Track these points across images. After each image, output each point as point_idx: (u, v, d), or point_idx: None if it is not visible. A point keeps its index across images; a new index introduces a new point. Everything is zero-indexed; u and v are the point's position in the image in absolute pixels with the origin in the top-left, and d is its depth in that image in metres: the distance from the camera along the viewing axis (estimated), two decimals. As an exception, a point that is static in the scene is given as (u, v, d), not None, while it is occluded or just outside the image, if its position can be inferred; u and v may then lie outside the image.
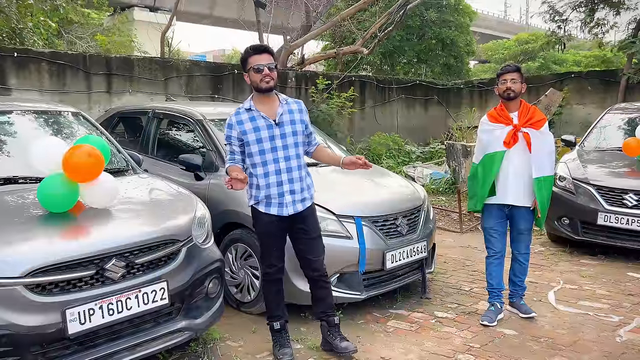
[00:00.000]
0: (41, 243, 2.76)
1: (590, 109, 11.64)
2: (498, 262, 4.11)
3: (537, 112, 3.95)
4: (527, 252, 4.11)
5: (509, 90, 3.89)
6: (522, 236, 4.06)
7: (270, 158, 3.27)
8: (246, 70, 3.29)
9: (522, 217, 4.00)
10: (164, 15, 18.63)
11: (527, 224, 4.02)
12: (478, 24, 31.74)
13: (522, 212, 3.98)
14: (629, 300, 4.47)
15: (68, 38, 12.05)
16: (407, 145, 11.82)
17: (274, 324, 3.48)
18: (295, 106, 3.41)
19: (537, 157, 3.85)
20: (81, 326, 2.68)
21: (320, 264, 3.44)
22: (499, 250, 4.08)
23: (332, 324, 3.49)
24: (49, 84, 7.57)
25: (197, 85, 9.25)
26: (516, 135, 3.87)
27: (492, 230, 4.08)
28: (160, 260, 3.08)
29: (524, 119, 3.89)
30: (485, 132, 4.03)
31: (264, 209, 3.31)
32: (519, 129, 3.87)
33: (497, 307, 4.08)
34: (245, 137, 3.27)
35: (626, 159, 6.02)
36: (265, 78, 3.23)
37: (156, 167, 4.91)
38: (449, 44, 16.63)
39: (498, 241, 4.08)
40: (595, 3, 11.93)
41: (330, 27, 12.73)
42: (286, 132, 3.30)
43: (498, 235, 4.07)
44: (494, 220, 4.05)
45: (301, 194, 3.35)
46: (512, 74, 3.92)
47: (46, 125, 4.09)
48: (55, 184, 3.02)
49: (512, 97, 3.91)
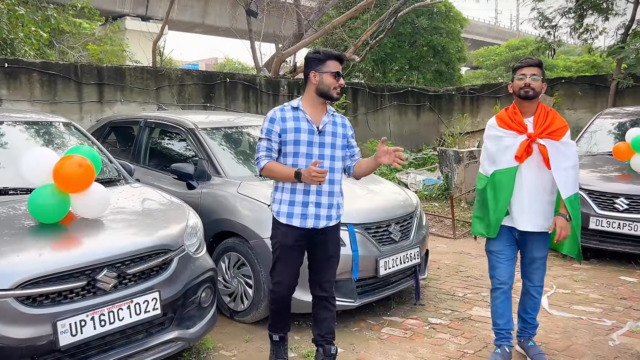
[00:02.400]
0: (32, 254, 2.74)
1: (580, 114, 11.73)
2: (505, 297, 3.40)
3: (557, 118, 3.28)
4: (540, 284, 3.45)
5: (527, 87, 3.21)
6: (536, 266, 3.40)
7: (303, 163, 3.11)
8: (320, 70, 3.12)
9: (538, 244, 3.35)
10: (155, 24, 18.64)
11: (542, 251, 3.39)
12: (469, 31, 32.02)
13: (537, 238, 3.34)
14: (621, 304, 4.49)
15: (59, 48, 12.05)
16: (400, 152, 11.83)
17: (274, 335, 3.40)
18: (340, 120, 3.29)
19: (561, 172, 3.19)
20: (72, 338, 2.66)
21: (330, 286, 3.30)
22: (505, 280, 3.39)
23: (327, 354, 3.29)
24: (40, 94, 7.55)
25: (189, 94, 9.25)
26: (530, 147, 3.21)
27: (500, 255, 3.39)
28: (152, 270, 3.07)
29: (541, 127, 3.22)
30: (492, 139, 3.36)
31: (285, 220, 3.14)
32: (535, 139, 3.20)
33: (506, 351, 3.42)
34: (284, 136, 3.12)
35: (617, 164, 6.07)
36: (338, 88, 3.14)
37: (148, 176, 4.90)
38: (440, 50, 16.75)
39: (506, 268, 3.38)
40: (584, 9, 12.04)
41: (322, 34, 12.78)
42: (326, 142, 3.17)
43: (507, 262, 3.38)
44: (502, 243, 3.38)
45: (328, 210, 3.17)
46: (533, 68, 3.24)
47: (37, 136, 4.07)
48: (46, 194, 3.00)
49: (530, 96, 3.21)
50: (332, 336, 3.35)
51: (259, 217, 3.96)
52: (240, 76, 10.36)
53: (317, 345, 3.36)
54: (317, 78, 3.13)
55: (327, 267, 3.28)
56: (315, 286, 3.32)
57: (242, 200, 4.16)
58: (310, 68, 3.16)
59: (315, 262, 3.27)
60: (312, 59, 3.18)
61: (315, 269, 3.29)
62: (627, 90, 11.03)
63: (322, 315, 3.33)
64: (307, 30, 12.70)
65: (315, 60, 3.15)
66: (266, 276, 3.89)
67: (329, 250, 3.26)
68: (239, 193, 4.21)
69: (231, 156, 4.89)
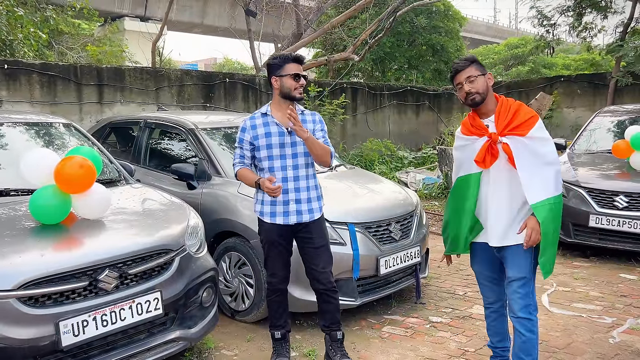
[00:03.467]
0: (33, 255, 2.75)
1: (580, 112, 11.75)
2: (496, 316, 3.06)
3: (522, 109, 2.81)
4: (525, 316, 2.76)
5: (470, 94, 2.82)
6: (512, 289, 2.80)
7: (278, 165, 3.27)
8: (278, 74, 3.26)
9: (512, 261, 2.80)
10: (154, 24, 18.65)
11: (517, 270, 2.78)
12: (468, 30, 31.99)
13: (511, 253, 2.80)
14: (621, 301, 4.50)
15: (59, 49, 12.04)
16: (400, 151, 11.87)
17: (275, 333, 3.45)
18: (310, 117, 3.40)
19: (528, 173, 2.71)
20: (75, 338, 2.67)
21: (325, 277, 3.36)
22: (493, 300, 3.04)
23: (334, 339, 3.43)
24: (39, 96, 7.55)
25: (188, 95, 9.26)
26: (494, 149, 2.77)
27: (479, 276, 3.05)
28: (153, 270, 3.08)
29: (504, 124, 2.78)
30: (458, 149, 3.00)
31: (269, 219, 3.29)
32: (496, 139, 2.77)
33: None
34: (257, 142, 3.28)
35: (616, 161, 6.08)
36: (299, 88, 3.27)
37: (148, 177, 4.91)
38: (439, 49, 16.75)
39: (489, 290, 3.03)
40: (583, 7, 12.06)
41: (321, 34, 12.78)
42: (297, 141, 3.28)
43: (488, 282, 3.02)
44: (479, 262, 3.01)
45: (308, 204, 3.31)
46: (462, 72, 2.83)
47: (37, 137, 4.08)
48: (47, 195, 3.01)
49: (477, 101, 2.83)
50: (337, 325, 3.46)
51: (260, 217, 3.97)
52: (240, 76, 10.36)
53: (325, 333, 3.49)
54: (278, 82, 3.29)
55: (316, 258, 3.36)
56: (312, 280, 3.42)
57: (242, 200, 4.17)
58: (271, 74, 3.31)
59: (305, 255, 3.39)
60: (271, 65, 3.34)
61: (306, 262, 3.40)
62: (626, 88, 11.06)
63: (324, 307, 3.44)
64: (306, 30, 12.70)
65: (274, 65, 3.31)
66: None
67: (315, 241, 3.35)
68: (239, 193, 4.22)
69: (231, 156, 4.88)
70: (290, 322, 3.56)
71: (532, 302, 2.80)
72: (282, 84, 3.27)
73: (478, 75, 2.81)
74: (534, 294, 2.83)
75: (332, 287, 3.40)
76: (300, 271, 3.52)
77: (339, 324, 3.47)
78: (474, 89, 2.80)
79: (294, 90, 3.26)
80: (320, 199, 3.42)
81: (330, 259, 3.41)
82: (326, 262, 3.38)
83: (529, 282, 2.79)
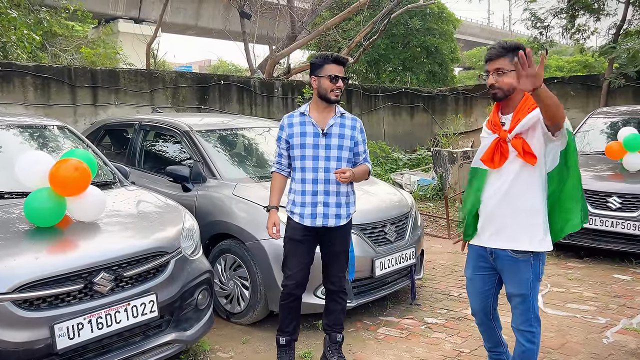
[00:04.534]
0: (28, 258, 2.74)
1: (573, 114, 11.79)
2: (484, 328, 2.92)
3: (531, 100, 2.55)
4: (527, 329, 2.66)
5: (492, 88, 2.61)
6: (514, 304, 2.70)
7: (310, 166, 3.25)
8: (318, 75, 3.25)
9: (511, 277, 2.65)
10: (149, 26, 18.58)
11: (518, 287, 2.63)
12: (462, 31, 32.09)
13: (509, 268, 2.66)
14: (615, 301, 4.53)
15: (52, 51, 12.01)
16: (394, 153, 11.90)
17: (280, 339, 3.41)
18: (349, 122, 3.34)
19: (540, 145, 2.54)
20: (70, 341, 2.66)
21: (339, 280, 3.40)
22: (477, 311, 2.87)
23: (334, 340, 3.46)
24: (33, 98, 7.53)
25: (183, 97, 9.25)
26: (503, 148, 2.60)
27: (468, 283, 2.88)
28: (149, 272, 3.08)
29: (517, 119, 2.58)
30: (482, 139, 2.83)
31: (298, 219, 3.28)
32: (505, 137, 2.59)
33: None
34: (291, 140, 3.28)
35: (609, 163, 6.11)
36: (336, 90, 3.24)
37: (143, 179, 4.90)
38: (434, 51, 16.81)
39: (474, 299, 2.86)
40: (576, 9, 12.12)
41: (315, 36, 12.80)
42: (332, 144, 3.25)
43: (476, 293, 2.83)
44: (472, 269, 2.85)
45: (336, 209, 3.27)
46: (495, 61, 2.57)
47: (32, 140, 4.07)
48: (42, 198, 3.01)
49: (499, 97, 2.61)
50: (340, 327, 3.49)
51: (255, 219, 3.97)
52: (235, 78, 10.36)
53: (325, 333, 3.51)
54: (316, 82, 3.27)
55: (335, 263, 3.39)
56: (326, 281, 3.45)
57: (237, 202, 4.17)
58: (312, 73, 3.31)
59: (324, 257, 3.41)
60: (312, 64, 3.32)
61: (324, 265, 3.42)
62: (619, 90, 11.11)
63: (331, 307, 3.47)
64: (301, 32, 12.71)
65: (315, 65, 3.29)
66: (263, 277, 3.91)
67: (336, 247, 3.36)
68: (234, 195, 4.22)
69: (226, 158, 4.90)
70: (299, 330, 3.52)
71: (534, 315, 2.67)
72: (320, 84, 3.24)
73: (510, 70, 2.53)
74: (536, 307, 2.69)
75: (343, 289, 3.44)
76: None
77: (342, 326, 3.49)
78: (498, 84, 2.57)
79: (329, 91, 3.22)
80: (350, 206, 3.36)
81: (346, 264, 3.45)
82: (342, 267, 3.43)
83: (528, 298, 2.64)
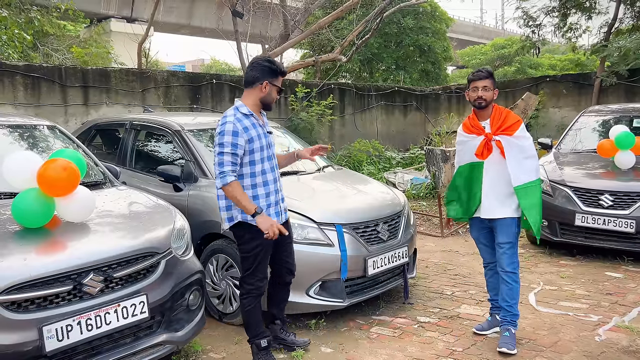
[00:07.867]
0: (16, 259, 2.71)
1: (565, 112, 11.85)
2: (492, 273, 3.91)
3: (510, 115, 3.66)
4: (511, 270, 3.67)
5: (480, 99, 3.64)
6: (502, 251, 3.68)
7: (268, 167, 3.29)
8: (272, 82, 3.27)
9: (501, 230, 3.67)
10: (141, 26, 18.47)
11: (505, 237, 3.66)
12: (454, 30, 32.17)
13: (500, 224, 3.67)
14: (607, 299, 4.54)
15: (44, 50, 11.91)
16: (388, 152, 11.90)
17: (261, 342, 3.41)
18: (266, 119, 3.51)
19: (514, 164, 3.57)
20: (59, 343, 2.63)
21: (294, 269, 3.60)
22: (488, 260, 3.92)
23: (284, 322, 3.69)
24: (23, 97, 7.47)
25: (175, 96, 9.21)
26: (489, 145, 3.62)
27: (477, 242, 3.94)
28: (139, 273, 3.05)
29: (496, 126, 3.62)
30: (460, 143, 3.86)
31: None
32: (491, 138, 3.61)
33: (496, 319, 3.86)
34: (251, 145, 3.19)
35: (601, 160, 6.13)
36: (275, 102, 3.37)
37: (134, 179, 4.87)
38: (427, 50, 16.83)
39: (485, 252, 3.91)
40: (568, 8, 12.16)
41: (308, 35, 12.76)
42: (271, 142, 3.35)
43: (483, 247, 3.90)
44: (476, 231, 3.90)
45: (283, 204, 3.45)
46: (484, 80, 3.65)
47: (21, 139, 4.03)
48: (30, 198, 2.97)
49: (483, 106, 3.66)
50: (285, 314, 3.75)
51: (247, 219, 3.95)
52: (227, 77, 10.33)
53: (278, 319, 3.68)
54: (267, 88, 3.25)
55: (291, 253, 3.57)
56: (287, 274, 3.57)
57: (229, 201, 4.14)
58: (264, 77, 3.23)
59: (284, 252, 3.51)
60: (267, 68, 3.24)
61: (282, 257, 3.52)
62: (611, 88, 11.16)
63: (284, 297, 3.66)
64: (294, 31, 12.67)
65: (271, 71, 3.25)
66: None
67: (290, 237, 3.55)
68: (226, 195, 4.19)
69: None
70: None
71: (516, 260, 3.70)
72: (270, 92, 3.27)
73: (491, 87, 3.67)
74: (517, 255, 3.72)
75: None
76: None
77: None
78: (484, 96, 3.65)
79: (274, 102, 3.33)
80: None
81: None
82: (294, 257, 3.57)
83: (514, 246, 3.69)
